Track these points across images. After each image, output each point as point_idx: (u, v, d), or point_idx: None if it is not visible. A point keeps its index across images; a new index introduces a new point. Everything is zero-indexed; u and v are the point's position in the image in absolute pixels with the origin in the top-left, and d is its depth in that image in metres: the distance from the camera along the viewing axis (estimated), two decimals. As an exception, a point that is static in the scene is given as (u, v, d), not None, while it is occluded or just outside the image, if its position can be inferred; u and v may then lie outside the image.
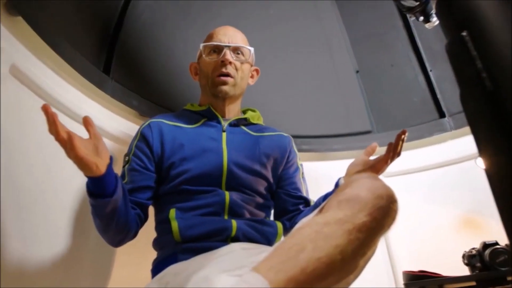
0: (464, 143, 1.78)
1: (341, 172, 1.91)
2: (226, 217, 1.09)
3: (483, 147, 0.67)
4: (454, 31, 0.76)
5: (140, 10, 1.78)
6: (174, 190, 1.13)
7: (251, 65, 1.35)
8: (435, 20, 1.23)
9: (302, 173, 1.34)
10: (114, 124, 1.47)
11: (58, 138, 0.81)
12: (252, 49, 1.30)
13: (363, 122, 2.00)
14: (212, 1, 1.98)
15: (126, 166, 1.16)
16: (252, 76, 1.37)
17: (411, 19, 1.30)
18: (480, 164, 1.57)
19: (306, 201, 1.27)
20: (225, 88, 1.23)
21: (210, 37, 1.30)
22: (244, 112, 1.37)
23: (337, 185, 1.18)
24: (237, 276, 0.67)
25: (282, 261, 0.63)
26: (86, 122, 0.91)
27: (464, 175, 1.76)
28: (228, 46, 1.24)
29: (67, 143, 0.81)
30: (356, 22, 2.16)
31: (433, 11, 1.23)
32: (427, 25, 1.29)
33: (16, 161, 1.09)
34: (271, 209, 1.27)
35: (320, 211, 0.77)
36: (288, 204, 1.25)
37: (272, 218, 1.29)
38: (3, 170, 1.03)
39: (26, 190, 1.11)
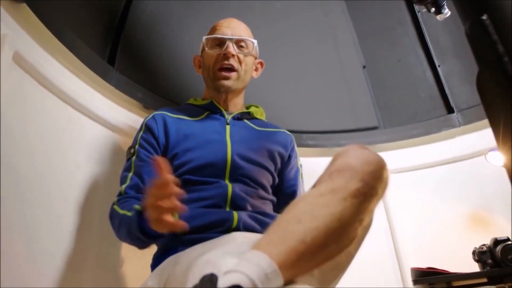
0: (473, 139, 1.76)
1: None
2: (227, 209, 1.08)
3: (502, 137, 0.64)
4: (473, 14, 0.73)
5: (146, 1, 1.76)
6: (179, 181, 1.11)
7: (255, 58, 1.34)
8: (446, 12, 1.21)
9: (301, 174, 1.34)
10: (118, 116, 1.45)
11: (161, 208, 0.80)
12: (255, 41, 1.29)
13: (370, 117, 1.97)
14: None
15: (134, 158, 1.15)
16: (256, 69, 1.37)
17: (423, 10, 1.27)
18: (491, 160, 1.54)
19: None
20: (227, 82, 1.23)
21: (213, 30, 1.30)
22: (247, 107, 1.36)
23: None
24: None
25: (280, 235, 0.63)
26: (159, 165, 0.80)
27: (473, 171, 1.74)
28: (231, 39, 1.24)
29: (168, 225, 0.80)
30: (363, 17, 2.14)
31: (445, 2, 1.20)
32: (438, 17, 1.26)
33: (18, 150, 1.07)
34: (272, 204, 1.25)
35: (314, 186, 0.77)
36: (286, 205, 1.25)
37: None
38: (4, 159, 1.00)
39: (27, 181, 1.09)
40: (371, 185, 0.69)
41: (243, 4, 1.98)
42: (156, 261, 1.06)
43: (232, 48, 1.22)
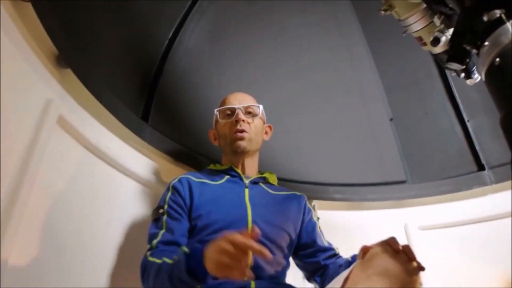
0: (505, 198, 1.71)
1: (375, 222, 1.88)
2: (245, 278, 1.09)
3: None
4: (508, 104, 0.74)
5: (179, 57, 1.84)
6: (200, 242, 1.14)
7: (264, 122, 1.47)
8: (476, 77, 1.21)
9: (319, 227, 1.40)
10: (150, 170, 1.50)
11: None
12: (261, 106, 1.43)
13: (397, 171, 1.96)
14: (245, 48, 2.03)
15: (164, 217, 1.20)
16: (266, 133, 1.49)
17: (453, 75, 1.28)
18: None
19: (331, 251, 1.32)
20: (242, 143, 1.34)
21: (223, 103, 1.44)
22: (261, 173, 1.45)
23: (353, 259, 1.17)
24: None
25: None
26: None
27: (504, 231, 1.68)
28: (240, 107, 1.37)
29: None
30: (390, 70, 2.16)
31: (475, 68, 1.21)
32: (468, 81, 1.27)
33: (57, 206, 1.11)
34: (287, 269, 1.29)
35: (346, 281, 0.83)
36: (320, 259, 1.30)
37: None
38: (45, 215, 1.05)
39: (66, 236, 1.13)
40: None
41: (270, 59, 2.04)
42: None
43: (241, 115, 1.36)
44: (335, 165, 1.96)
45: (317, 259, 1.29)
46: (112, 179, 1.35)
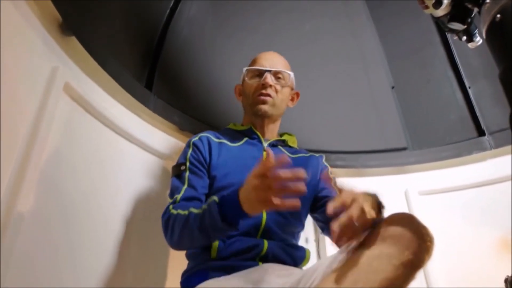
0: (505, 162, 1.74)
1: (376, 189, 1.91)
2: (258, 237, 1.12)
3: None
4: (507, 59, 0.75)
5: (181, 26, 1.83)
6: None
7: (292, 89, 1.42)
8: (478, 40, 1.22)
9: (335, 183, 1.32)
10: (156, 138, 1.52)
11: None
12: (292, 73, 1.38)
13: (398, 138, 1.98)
14: (247, 16, 2.02)
15: (187, 174, 1.19)
16: (292, 99, 1.45)
17: (454, 38, 1.28)
18: (523, 185, 1.53)
19: None
20: (264, 107, 1.31)
21: (253, 62, 1.39)
22: (281, 135, 1.43)
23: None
24: None
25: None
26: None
27: (504, 195, 1.71)
28: (269, 71, 1.32)
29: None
30: (392, 38, 2.15)
31: (476, 31, 1.21)
32: (469, 45, 1.27)
33: (64, 173, 1.14)
34: (300, 233, 1.29)
35: (364, 243, 0.84)
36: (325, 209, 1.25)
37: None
38: (51, 181, 1.08)
39: (73, 201, 1.16)
40: (421, 259, 0.77)
41: (273, 27, 2.03)
42: (186, 282, 1.11)
43: (269, 79, 1.31)
44: (337, 132, 1.98)
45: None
46: (118, 146, 1.37)
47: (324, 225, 1.28)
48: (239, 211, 0.92)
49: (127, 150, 1.40)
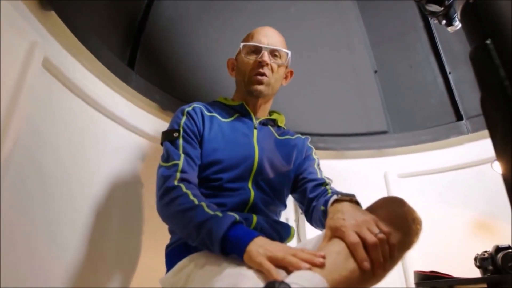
0: (480, 146, 1.79)
1: (356, 171, 1.95)
2: (246, 212, 1.13)
3: (501, 152, 0.69)
4: (478, 38, 0.77)
5: (165, 5, 1.82)
6: (204, 180, 1.14)
7: (287, 67, 1.38)
8: (457, 24, 1.24)
9: (318, 164, 1.36)
10: (137, 117, 1.52)
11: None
12: (289, 52, 1.33)
13: (380, 122, 2.01)
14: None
15: (180, 141, 1.14)
16: (286, 77, 1.41)
17: (434, 21, 1.30)
18: (496, 168, 1.58)
19: (319, 180, 1.26)
20: (260, 87, 1.26)
21: (250, 37, 1.33)
22: (270, 113, 1.41)
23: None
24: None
25: (332, 264, 0.76)
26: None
27: (479, 178, 1.77)
28: (267, 48, 1.27)
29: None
30: (376, 23, 2.17)
31: (456, 15, 1.23)
32: (449, 29, 1.29)
33: (45, 149, 1.14)
34: (282, 212, 1.31)
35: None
36: (307, 190, 1.25)
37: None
38: (32, 157, 1.08)
39: (53, 177, 1.16)
40: (411, 241, 0.86)
41: (259, 8, 2.02)
42: (171, 255, 1.11)
43: (267, 57, 1.26)
44: (319, 115, 2.00)
45: (305, 187, 1.25)
46: (99, 124, 1.36)
47: (302, 205, 1.29)
48: (238, 252, 0.85)
49: (108, 127, 1.40)
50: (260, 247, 0.82)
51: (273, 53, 1.29)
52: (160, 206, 1.03)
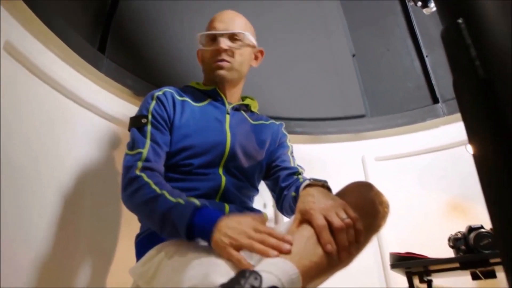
0: (456, 129, 1.81)
1: (334, 155, 1.95)
2: (217, 200, 1.11)
3: (472, 133, 0.68)
4: (450, 18, 0.76)
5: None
6: (175, 166, 1.12)
7: (253, 47, 1.34)
8: (432, 6, 1.24)
9: (292, 152, 1.35)
10: (108, 103, 1.47)
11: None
12: (247, 33, 1.29)
13: (357, 106, 2.01)
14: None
15: (149, 127, 1.11)
16: (256, 58, 1.38)
17: (410, 4, 1.30)
18: (470, 150, 1.59)
19: (292, 169, 1.26)
20: (221, 72, 1.24)
21: (208, 25, 1.30)
22: (243, 99, 1.38)
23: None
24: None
25: (302, 250, 0.77)
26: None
27: (454, 161, 1.79)
28: (222, 34, 1.24)
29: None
30: (354, 6, 2.16)
31: (431, -2, 1.23)
32: (424, 11, 1.29)
33: (11, 138, 1.09)
34: (255, 197, 1.30)
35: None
36: (280, 179, 1.25)
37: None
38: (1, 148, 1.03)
39: (22, 167, 1.12)
40: (379, 224, 0.89)
41: (234, -9, 1.98)
42: (140, 244, 1.09)
43: (223, 43, 1.23)
44: (297, 99, 1.99)
45: (278, 176, 1.25)
46: (68, 110, 1.32)
47: (274, 193, 1.30)
48: (206, 239, 0.86)
49: (77, 113, 1.35)
50: (225, 235, 0.81)
51: (233, 37, 1.26)
52: (124, 197, 1.01)
